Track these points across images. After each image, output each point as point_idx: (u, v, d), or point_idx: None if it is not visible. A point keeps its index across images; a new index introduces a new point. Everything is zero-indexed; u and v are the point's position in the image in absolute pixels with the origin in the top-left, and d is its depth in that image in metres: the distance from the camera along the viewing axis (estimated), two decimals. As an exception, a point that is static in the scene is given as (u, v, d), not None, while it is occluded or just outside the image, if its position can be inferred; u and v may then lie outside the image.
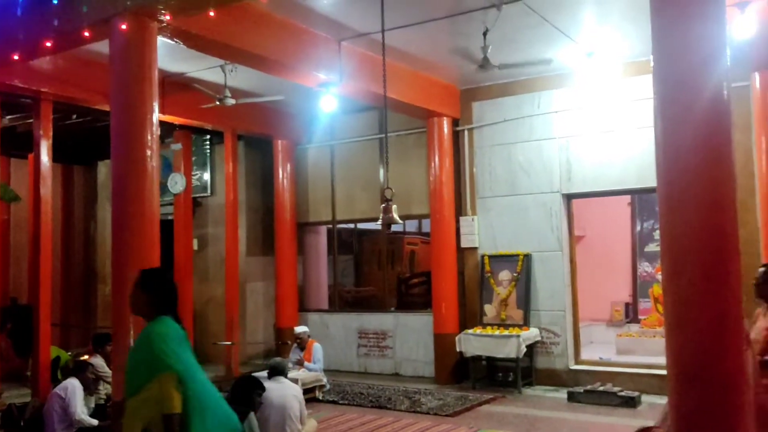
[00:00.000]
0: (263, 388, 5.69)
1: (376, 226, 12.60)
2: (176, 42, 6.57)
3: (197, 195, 12.33)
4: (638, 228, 12.65)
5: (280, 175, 11.61)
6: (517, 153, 9.70)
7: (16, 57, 6.49)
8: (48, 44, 5.85)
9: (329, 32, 7.90)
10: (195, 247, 12.05)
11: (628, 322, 12.06)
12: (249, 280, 12.07)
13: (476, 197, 10.02)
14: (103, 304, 13.84)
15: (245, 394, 5.57)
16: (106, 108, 8.90)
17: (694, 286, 3.41)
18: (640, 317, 11.94)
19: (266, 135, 11.54)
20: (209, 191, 12.62)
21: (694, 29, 3.52)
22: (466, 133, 10.11)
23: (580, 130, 9.23)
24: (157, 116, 5.89)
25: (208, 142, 12.63)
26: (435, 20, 7.58)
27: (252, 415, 5.48)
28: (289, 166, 11.64)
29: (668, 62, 3.58)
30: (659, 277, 11.01)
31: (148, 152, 5.77)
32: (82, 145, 12.83)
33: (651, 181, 8.67)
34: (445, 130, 9.99)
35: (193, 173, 11.92)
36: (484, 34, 7.48)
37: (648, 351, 10.00)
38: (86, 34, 5.97)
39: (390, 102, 8.96)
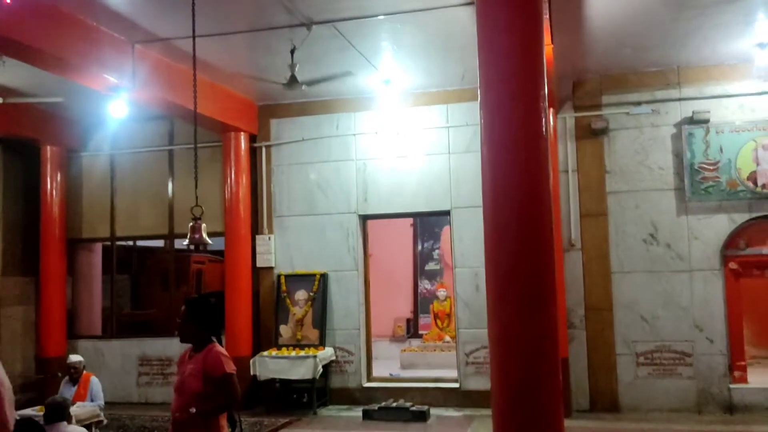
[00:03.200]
0: None
1: (158, 243, 11.86)
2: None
3: (-62, 205, 10.45)
4: (419, 248, 13.47)
5: (48, 186, 10.33)
6: (315, 173, 9.73)
7: None
8: None
9: (122, 33, 7.23)
10: (-65, 266, 10.19)
11: (409, 338, 12.72)
12: (4, 304, 10.48)
13: (273, 215, 9.84)
14: None
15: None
16: None
17: (516, 307, 3.62)
18: (421, 332, 12.66)
19: (32, 139, 10.19)
20: (-46, 201, 10.78)
21: (513, 63, 3.76)
22: (263, 150, 9.91)
23: (377, 154, 9.55)
24: None
25: (-48, 144, 10.80)
26: (240, 33, 7.33)
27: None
28: (59, 175, 10.40)
29: (493, 93, 3.77)
30: (439, 293, 11.94)
31: None
32: None
33: (438, 205, 9.40)
34: (243, 145, 9.70)
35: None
36: (292, 51, 7.41)
37: (430, 365, 10.63)
38: None
39: (184, 112, 8.49)
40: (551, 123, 8.63)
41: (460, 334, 9.20)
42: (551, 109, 8.61)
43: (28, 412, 7.42)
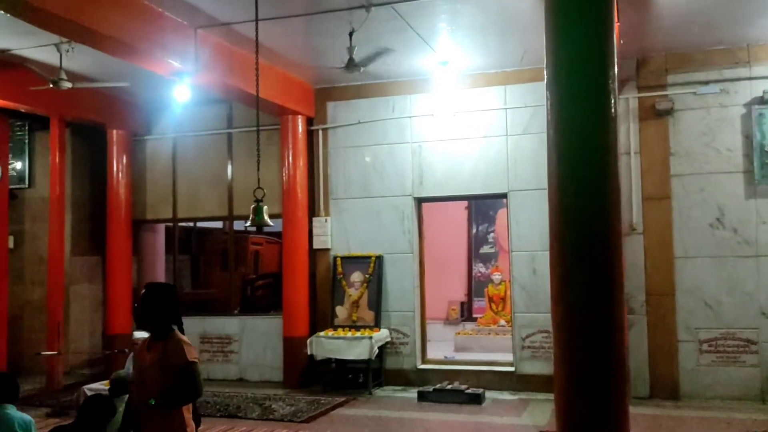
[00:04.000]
0: (114, 414, 5.16)
1: (218, 225, 12.14)
2: (11, 15, 5.73)
3: (12, 187, 10.94)
4: (474, 231, 13.38)
5: (115, 168, 10.66)
6: (370, 155, 9.77)
7: None
8: None
9: (185, 18, 7.37)
10: (10, 245, 10.69)
11: (463, 321, 12.71)
12: (73, 282, 10.94)
13: (330, 198, 9.93)
14: None
15: (96, 416, 5.00)
16: None
17: (582, 292, 3.57)
18: (475, 316, 12.63)
19: (99, 123, 10.53)
20: (27, 183, 11.27)
21: (584, 42, 3.67)
22: (320, 133, 9.99)
23: (433, 136, 9.50)
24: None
25: (25, 128, 11.26)
26: (299, 16, 7.37)
27: (102, 437, 4.93)
28: (124, 158, 10.73)
29: (562, 73, 3.70)
30: (493, 277, 11.88)
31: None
32: None
33: (495, 187, 9.30)
34: (300, 128, 9.80)
35: (7, 162, 10.57)
36: (351, 34, 7.41)
37: (484, 348, 10.60)
38: None
39: (243, 95, 8.67)
40: (613, 104, 8.44)
41: (516, 318, 9.14)
42: (614, 90, 8.40)
43: (97, 386, 7.75)
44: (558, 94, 3.67)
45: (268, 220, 5.67)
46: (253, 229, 10.35)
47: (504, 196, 9.33)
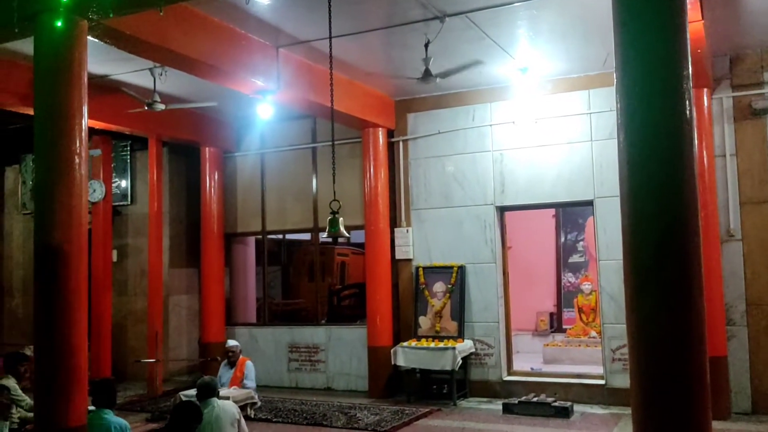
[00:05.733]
0: (201, 420, 5.41)
1: (306, 236, 12.45)
2: (107, 43, 6.17)
3: (116, 204, 11.70)
4: (562, 240, 13.04)
5: (208, 184, 11.18)
6: (451, 165, 9.75)
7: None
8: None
9: (267, 38, 7.66)
10: (114, 258, 11.42)
11: (552, 332, 12.38)
12: (172, 293, 11.55)
13: (411, 209, 9.99)
14: (9, 318, 12.89)
15: (184, 421, 5.26)
16: (20, 110, 8.36)
17: (657, 301, 3.43)
18: (564, 327, 12.28)
19: (193, 142, 11.10)
20: (129, 200, 12.01)
21: (657, 43, 3.54)
22: (401, 144, 10.08)
23: (514, 144, 9.38)
24: (86, 121, 5.48)
25: (127, 148, 12.03)
26: (375, 30, 7.49)
27: (190, 442, 5.17)
28: (216, 174, 11.24)
29: (631, 75, 3.58)
30: (583, 287, 11.52)
31: (77, 159, 5.35)
32: (-12, 148, 11.95)
33: (580, 194, 9.05)
34: (381, 140, 9.93)
35: (111, 181, 11.33)
36: (426, 45, 7.46)
37: (574, 360, 10.28)
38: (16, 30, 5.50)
39: (325, 111, 8.82)
40: (705, 104, 8.04)
41: (605, 329, 8.83)
42: (705, 90, 8.01)
43: (192, 392, 8.11)
44: (627, 97, 3.55)
45: (344, 231, 5.78)
46: (342, 240, 10.55)
47: (590, 203, 9.06)
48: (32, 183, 12.25)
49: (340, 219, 5.82)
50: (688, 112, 3.45)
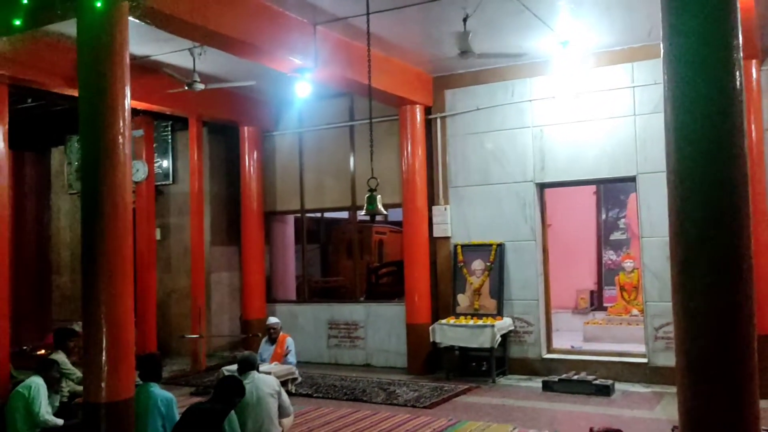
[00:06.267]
0: (243, 394, 5.53)
1: (344, 215, 12.50)
2: (147, 23, 6.23)
3: (159, 183, 11.92)
4: (603, 217, 12.83)
5: (247, 163, 11.29)
6: (490, 142, 9.64)
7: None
8: (17, 22, 5.44)
9: (304, 16, 7.64)
10: (158, 237, 11.67)
11: (593, 310, 12.24)
12: (214, 270, 11.76)
13: (449, 186, 9.93)
14: (58, 296, 13.31)
15: (227, 395, 5.39)
16: (65, 92, 8.53)
17: (704, 278, 3.35)
18: (605, 305, 12.13)
19: (232, 122, 11.20)
20: (171, 179, 12.22)
21: (705, 12, 3.41)
22: (438, 121, 10.00)
23: (554, 120, 9.22)
24: (129, 101, 5.57)
25: (168, 129, 12.21)
26: (413, 5, 7.41)
27: (233, 414, 5.29)
28: (255, 153, 11.33)
29: (678, 46, 3.46)
30: (625, 265, 11.33)
31: (121, 139, 5.45)
32: (35, 130, 12.23)
33: (622, 170, 8.87)
34: (418, 118, 9.86)
35: (153, 161, 11.53)
36: (465, 20, 7.35)
37: (615, 338, 10.16)
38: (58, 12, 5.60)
39: (362, 88, 8.78)
40: (754, 76, 7.77)
41: (648, 308, 8.69)
42: (754, 61, 7.73)
43: (234, 368, 8.29)
44: (674, 69, 3.44)
45: (382, 209, 5.78)
46: (380, 218, 10.57)
47: (633, 179, 8.88)
48: (77, 163, 12.56)
49: (378, 197, 5.83)
50: (737, 84, 3.32)
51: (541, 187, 9.46)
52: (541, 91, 9.29)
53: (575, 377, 8.41)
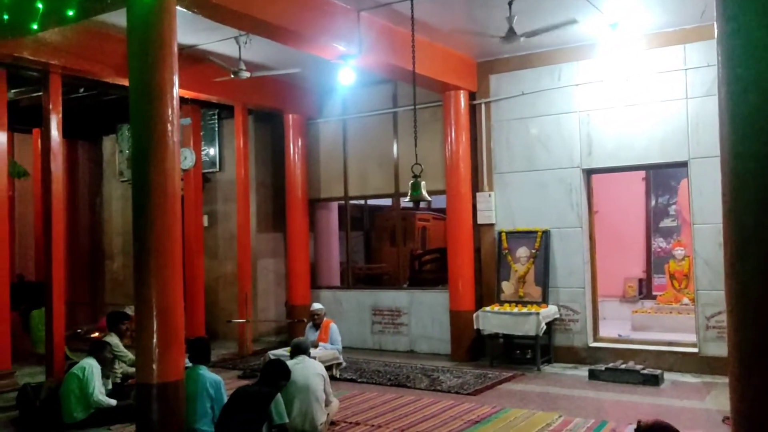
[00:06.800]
0: (288, 378, 5.64)
1: (387, 202, 12.53)
2: (194, 12, 6.32)
3: (206, 171, 12.13)
4: (653, 203, 12.53)
5: (291, 151, 11.39)
6: (535, 127, 9.50)
7: (34, 26, 6.22)
8: (70, 13, 5.60)
9: (348, 2, 7.64)
10: (205, 223, 11.89)
11: (641, 299, 12.00)
12: (260, 256, 11.93)
13: (493, 173, 9.83)
14: (110, 281, 13.72)
15: (273, 378, 5.50)
16: (115, 81, 8.73)
17: (759, 265, 3.23)
18: (654, 293, 11.88)
19: (277, 109, 11.30)
20: (217, 167, 12.42)
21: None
22: (483, 106, 9.89)
23: (602, 104, 9.02)
24: (177, 90, 5.68)
25: (215, 117, 12.39)
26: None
27: (279, 396, 5.39)
28: (300, 141, 11.42)
29: (734, 26, 3.33)
30: (675, 252, 11.06)
31: (170, 127, 5.57)
32: (87, 119, 12.58)
33: (674, 155, 8.64)
34: (462, 103, 9.78)
35: (201, 149, 11.73)
36: (510, 2, 7.23)
37: (665, 327, 9.95)
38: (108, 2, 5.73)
39: (406, 74, 8.76)
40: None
41: (699, 296, 8.47)
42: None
43: (279, 352, 8.44)
44: (729, 50, 3.30)
45: (426, 195, 5.77)
46: (423, 205, 10.56)
47: (684, 164, 8.63)
48: (128, 152, 12.87)
49: (423, 183, 5.81)
50: (798, 63, 3.18)
51: (588, 173, 9.28)
52: (589, 75, 9.09)
53: (622, 366, 8.27)
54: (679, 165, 8.82)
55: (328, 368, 8.58)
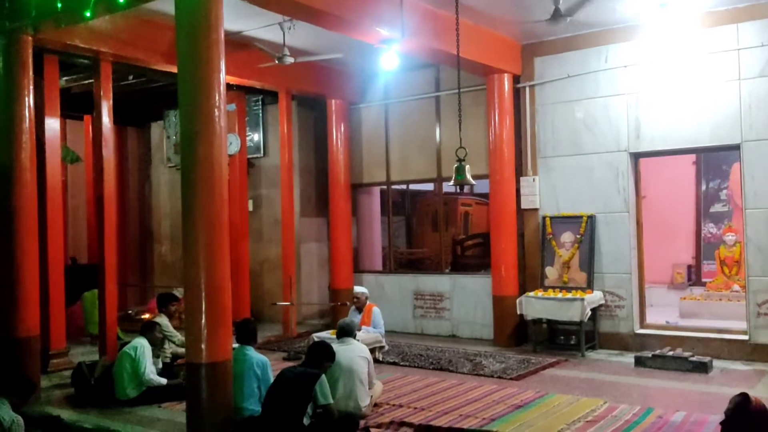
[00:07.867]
0: (333, 360, 5.72)
1: (429, 187, 12.50)
2: (239, -1, 6.39)
3: (250, 156, 12.29)
4: (703, 188, 12.21)
5: (334, 136, 11.45)
6: (581, 110, 9.34)
7: (87, 14, 6.38)
8: (120, 0, 5.72)
9: (389, -15, 7.61)
10: (250, 208, 12.07)
11: (690, 285, 11.75)
12: (303, 241, 12.07)
13: (537, 157, 9.71)
14: (159, 264, 14.07)
15: (318, 360, 5.59)
16: (163, 68, 8.89)
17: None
18: (704, 280, 11.61)
19: (320, 95, 11.36)
20: (262, 152, 12.57)
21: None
22: (527, 90, 9.76)
23: (650, 86, 8.81)
24: (224, 76, 5.76)
25: (259, 103, 12.53)
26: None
27: (323, 377, 5.47)
28: (342, 126, 11.47)
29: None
30: (726, 238, 10.78)
31: (217, 112, 5.66)
32: (136, 106, 12.87)
33: (725, 138, 8.41)
34: (506, 87, 9.66)
35: (245, 134, 11.89)
36: (556, -17, 7.11)
37: (714, 315, 9.74)
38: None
39: (449, 58, 8.71)
40: None
41: (750, 283, 8.25)
42: None
43: (323, 334, 8.55)
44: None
45: (470, 179, 5.76)
46: (465, 190, 10.48)
47: (737, 147, 8.38)
48: (175, 137, 13.13)
49: (467, 167, 5.78)
50: None
51: (636, 156, 9.09)
52: (637, 56, 8.88)
53: (670, 353, 8.13)
54: (731, 148, 8.57)
55: (371, 351, 8.67)
